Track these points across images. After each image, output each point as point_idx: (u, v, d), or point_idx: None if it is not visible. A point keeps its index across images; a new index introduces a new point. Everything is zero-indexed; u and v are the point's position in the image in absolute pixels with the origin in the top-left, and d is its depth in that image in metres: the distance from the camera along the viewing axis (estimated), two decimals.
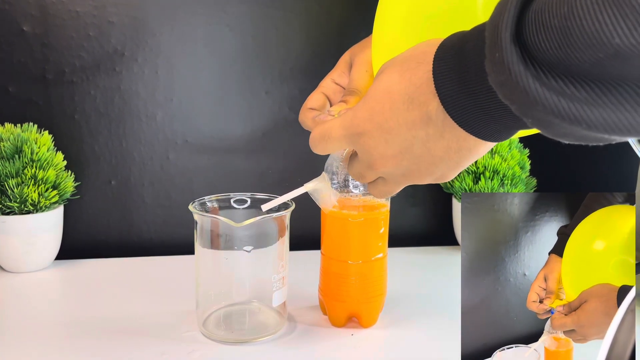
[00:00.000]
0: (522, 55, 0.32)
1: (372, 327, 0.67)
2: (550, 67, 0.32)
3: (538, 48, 0.32)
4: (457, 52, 0.39)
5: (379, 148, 0.46)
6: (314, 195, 0.62)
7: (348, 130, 0.47)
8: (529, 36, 0.32)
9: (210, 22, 0.89)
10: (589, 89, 0.31)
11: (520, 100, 0.33)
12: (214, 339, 0.62)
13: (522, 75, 0.32)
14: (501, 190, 0.86)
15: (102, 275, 0.82)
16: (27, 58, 0.85)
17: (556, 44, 0.31)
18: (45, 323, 0.66)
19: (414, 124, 0.42)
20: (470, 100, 0.39)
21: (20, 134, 0.79)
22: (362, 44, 0.65)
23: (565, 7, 0.30)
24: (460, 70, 0.38)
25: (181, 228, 0.93)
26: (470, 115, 0.40)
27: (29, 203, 0.77)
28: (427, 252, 0.94)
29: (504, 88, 0.34)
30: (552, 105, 0.32)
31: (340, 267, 0.65)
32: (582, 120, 0.32)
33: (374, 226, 0.65)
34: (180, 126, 0.91)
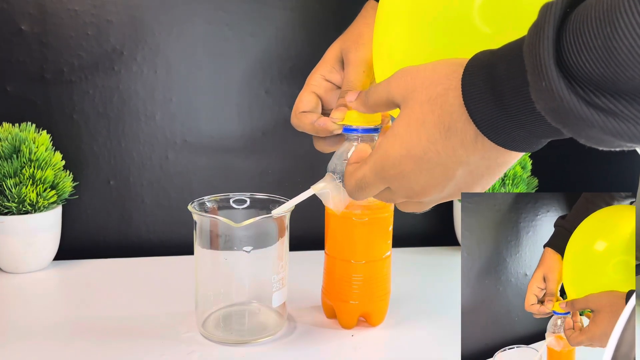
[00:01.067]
0: (567, 80, 0.33)
1: (373, 328, 0.67)
2: (596, 87, 0.32)
3: (582, 69, 0.32)
4: (488, 76, 0.39)
5: (420, 181, 0.45)
6: (322, 197, 0.60)
7: (382, 173, 0.46)
8: (570, 58, 0.33)
9: (209, 21, 0.89)
10: (638, 106, 0.32)
11: (574, 124, 0.34)
12: (213, 339, 0.62)
13: (575, 102, 0.33)
14: (502, 190, 0.86)
15: (101, 275, 0.81)
16: (25, 57, 0.84)
17: (602, 63, 0.31)
18: (43, 324, 0.66)
19: (455, 152, 0.42)
20: (510, 123, 0.39)
21: (18, 133, 0.79)
22: (354, 39, 0.62)
23: (608, 27, 0.30)
24: (495, 94, 0.38)
25: (180, 228, 0.92)
26: (509, 136, 0.40)
27: (27, 203, 0.77)
28: (428, 253, 0.94)
29: (555, 114, 0.35)
30: (609, 126, 0.33)
31: (346, 267, 0.64)
32: (635, 137, 0.33)
33: (380, 225, 0.64)
34: (179, 126, 0.90)
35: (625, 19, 0.30)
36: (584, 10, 0.32)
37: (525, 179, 0.89)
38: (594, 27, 0.31)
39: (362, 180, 0.48)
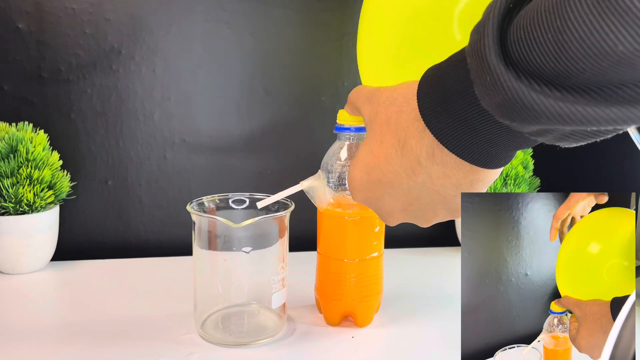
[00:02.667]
0: (514, 72, 0.32)
1: (373, 329, 0.66)
2: (547, 80, 0.32)
3: (531, 63, 0.32)
4: (439, 84, 0.38)
5: (386, 206, 0.45)
6: (309, 193, 0.62)
7: (355, 197, 0.47)
8: (519, 53, 0.32)
9: (208, 19, 0.88)
10: (589, 96, 0.31)
11: (522, 115, 0.33)
12: (212, 341, 0.62)
13: (520, 90, 0.32)
14: (504, 190, 0.85)
15: (99, 276, 0.81)
16: (22, 56, 0.84)
17: (553, 57, 0.30)
18: (40, 326, 0.66)
19: (413, 169, 0.42)
20: (464, 129, 0.38)
21: (15, 133, 0.78)
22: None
23: (558, 20, 0.29)
24: (447, 101, 0.38)
25: (179, 229, 0.92)
26: (466, 143, 0.39)
27: (24, 203, 0.77)
28: (428, 253, 0.94)
29: (502, 108, 0.34)
30: (557, 110, 0.31)
31: (336, 265, 0.65)
32: (587, 120, 0.31)
33: (370, 224, 0.64)
34: (177, 125, 0.90)
35: (575, 11, 0.29)
36: (534, 5, 0.31)
37: (527, 179, 0.89)
38: (543, 21, 0.30)
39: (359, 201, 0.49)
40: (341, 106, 0.66)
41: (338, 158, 0.63)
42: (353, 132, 0.62)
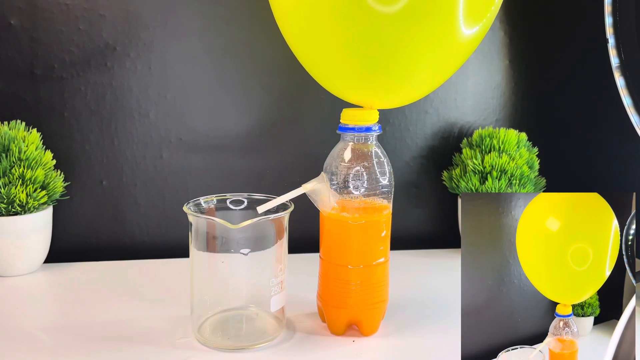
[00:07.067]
0: None
1: (374, 335, 0.65)
2: None
3: None
4: None
5: None
6: (312, 197, 0.62)
7: None
8: None
9: (205, 15, 0.88)
10: None
11: None
12: (209, 345, 0.61)
13: None
14: (509, 190, 0.85)
15: (93, 279, 0.80)
16: (14, 53, 0.84)
17: None
18: (33, 329, 0.65)
19: None
20: None
21: (7, 131, 0.78)
22: None
23: None
24: None
25: (175, 230, 0.92)
26: None
27: (16, 204, 0.76)
28: (432, 255, 0.94)
29: None
30: None
31: (340, 272, 0.63)
32: None
33: (376, 229, 0.63)
34: (174, 124, 0.90)
35: None
36: None
37: (533, 179, 0.88)
38: None
39: None
40: (341, 104, 0.65)
41: (342, 159, 0.61)
42: (357, 132, 0.61)
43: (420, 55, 0.57)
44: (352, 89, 0.62)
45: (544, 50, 0.99)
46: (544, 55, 0.99)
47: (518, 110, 0.99)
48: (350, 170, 0.61)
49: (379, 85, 0.60)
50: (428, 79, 0.61)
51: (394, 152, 0.95)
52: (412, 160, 0.97)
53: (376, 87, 0.61)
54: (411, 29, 0.55)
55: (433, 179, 0.98)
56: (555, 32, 0.98)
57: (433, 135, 0.97)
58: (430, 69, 0.60)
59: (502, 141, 0.87)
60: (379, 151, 0.63)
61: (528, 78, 0.99)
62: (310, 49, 0.62)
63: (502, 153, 0.86)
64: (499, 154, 0.86)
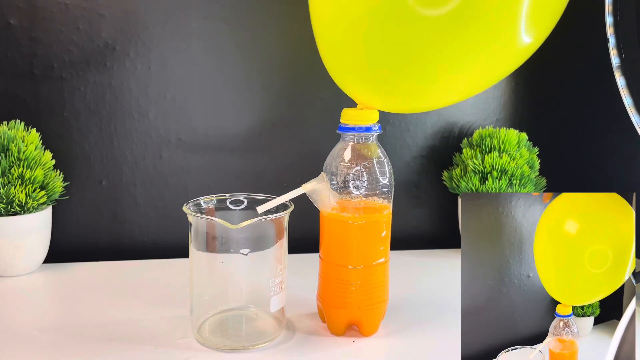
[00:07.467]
0: None
1: (374, 335, 0.65)
2: None
3: None
4: None
5: None
6: (312, 197, 0.62)
7: None
8: None
9: (205, 15, 0.88)
10: None
11: None
12: (209, 346, 0.61)
13: None
14: (510, 190, 0.85)
15: (92, 279, 0.80)
16: (14, 52, 0.84)
17: None
18: (32, 329, 0.65)
19: None
20: None
21: (6, 131, 0.78)
22: None
23: None
24: None
25: (175, 230, 0.92)
26: None
27: (15, 204, 0.76)
28: (432, 255, 0.94)
29: None
30: None
31: (340, 272, 0.63)
32: None
33: (376, 229, 0.63)
34: (173, 124, 0.89)
35: None
36: None
37: (533, 179, 0.88)
38: None
39: None
40: (341, 104, 0.65)
41: (342, 159, 0.61)
42: (357, 132, 0.61)
43: (461, 60, 0.55)
44: (374, 94, 0.61)
45: (544, 50, 0.98)
46: (544, 55, 0.99)
47: (518, 110, 0.99)
48: (350, 170, 0.61)
49: (404, 92, 0.59)
50: (461, 90, 0.59)
51: (394, 152, 0.95)
52: (412, 160, 0.97)
53: (402, 93, 0.59)
54: (455, 33, 0.53)
55: (433, 179, 0.97)
56: (555, 32, 0.98)
57: (433, 135, 0.97)
58: (468, 79, 0.58)
59: (502, 141, 0.87)
60: (379, 151, 0.63)
61: (528, 78, 0.99)
62: (341, 50, 0.59)
63: (502, 153, 0.86)
64: (499, 153, 0.86)
